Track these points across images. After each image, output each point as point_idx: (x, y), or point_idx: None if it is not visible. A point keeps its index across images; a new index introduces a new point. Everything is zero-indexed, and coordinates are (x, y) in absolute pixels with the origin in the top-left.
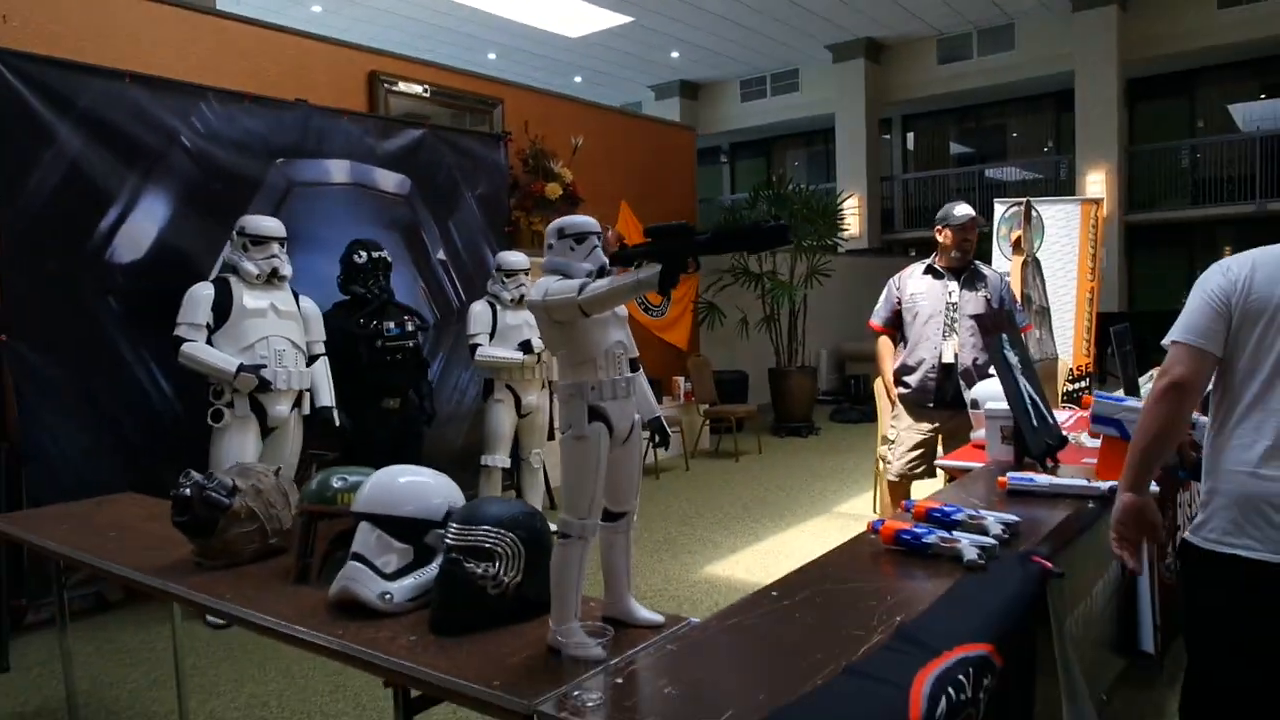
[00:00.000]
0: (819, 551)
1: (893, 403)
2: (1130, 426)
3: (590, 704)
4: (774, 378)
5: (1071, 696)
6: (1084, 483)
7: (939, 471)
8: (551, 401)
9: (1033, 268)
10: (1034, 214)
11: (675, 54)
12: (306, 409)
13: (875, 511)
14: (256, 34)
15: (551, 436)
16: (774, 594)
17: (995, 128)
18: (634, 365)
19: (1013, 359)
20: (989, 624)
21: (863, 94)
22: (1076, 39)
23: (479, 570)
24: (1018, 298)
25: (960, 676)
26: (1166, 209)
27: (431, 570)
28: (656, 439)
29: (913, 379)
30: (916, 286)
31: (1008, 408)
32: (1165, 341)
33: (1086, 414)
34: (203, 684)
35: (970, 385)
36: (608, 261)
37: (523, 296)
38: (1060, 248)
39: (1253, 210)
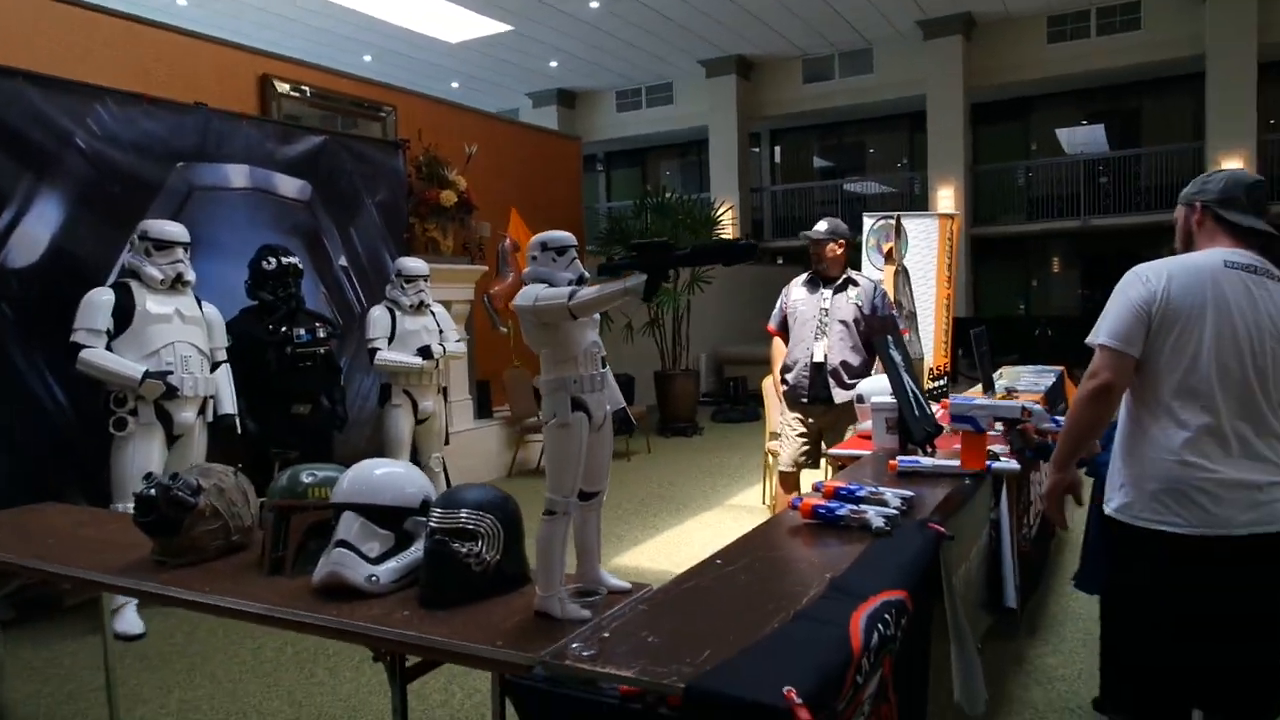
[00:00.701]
0: (716, 541)
1: (779, 399)
2: (982, 421)
3: (586, 654)
4: (659, 381)
5: (959, 640)
6: (960, 463)
7: (822, 462)
8: (447, 406)
9: (903, 276)
10: (901, 227)
11: (554, 63)
12: (211, 416)
13: (765, 503)
14: (137, 31)
15: (448, 440)
16: (718, 561)
17: (855, 144)
18: (603, 362)
19: (896, 357)
20: (901, 575)
21: (734, 108)
22: (928, 65)
23: (463, 550)
24: (893, 304)
25: (886, 615)
26: (1006, 223)
27: (412, 554)
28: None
29: (790, 376)
30: (798, 294)
31: (891, 401)
32: (1090, 341)
33: (946, 411)
34: (126, 694)
35: (839, 383)
36: (585, 272)
37: (422, 302)
38: (922, 258)
39: (1078, 226)
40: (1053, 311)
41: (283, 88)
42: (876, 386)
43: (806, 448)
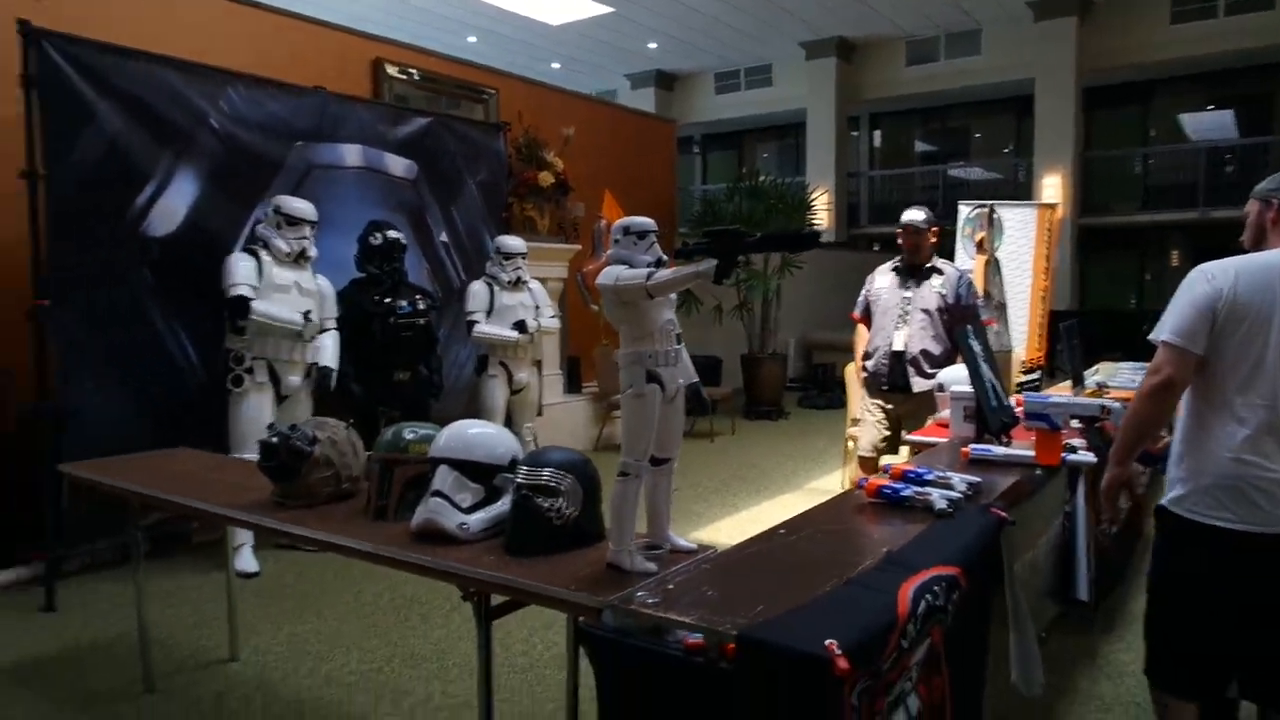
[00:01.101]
0: None
1: (861, 385)
2: (1057, 419)
3: (651, 602)
4: (746, 364)
5: (1017, 627)
6: (1034, 453)
7: (902, 450)
8: (541, 379)
9: (993, 266)
10: (995, 216)
11: (653, 45)
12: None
13: (843, 487)
14: (266, 18)
15: (541, 412)
16: (781, 531)
17: (959, 129)
18: (678, 339)
19: (976, 347)
20: (957, 553)
21: (833, 91)
22: (1038, 48)
23: (545, 504)
24: (980, 294)
25: (935, 588)
26: (1118, 213)
27: (500, 506)
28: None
29: (870, 363)
30: (882, 282)
31: (970, 390)
32: (1153, 337)
33: None
34: (243, 624)
35: (919, 372)
36: (664, 255)
37: (520, 279)
38: (1018, 248)
39: (1197, 217)
40: (1166, 306)
41: (393, 71)
42: (957, 375)
43: (886, 434)
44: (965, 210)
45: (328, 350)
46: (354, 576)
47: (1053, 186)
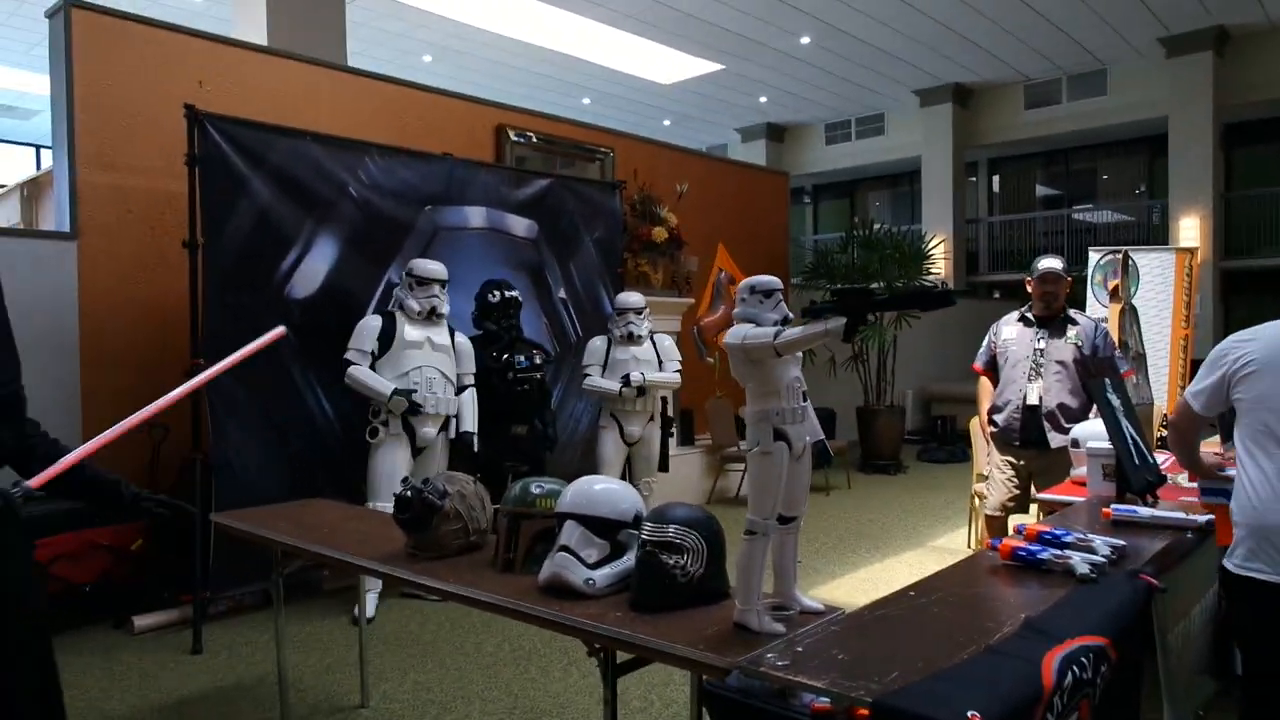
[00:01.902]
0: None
1: (986, 441)
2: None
3: (780, 664)
4: (862, 416)
5: (1173, 702)
6: (1183, 515)
7: (1032, 508)
8: (665, 434)
9: (1130, 315)
10: (1130, 262)
11: (763, 99)
12: (453, 433)
13: (970, 546)
14: (401, 92)
15: (664, 468)
16: (911, 594)
17: (1085, 171)
18: (804, 396)
19: (1115, 401)
20: (1104, 622)
21: (949, 137)
22: (1170, 84)
23: (670, 561)
24: (1116, 345)
25: (1083, 659)
26: (1264, 255)
27: (624, 562)
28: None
29: (1000, 418)
30: (1009, 333)
31: (1108, 446)
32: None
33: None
34: (371, 671)
35: (1055, 427)
36: (789, 313)
37: (632, 333)
38: (1155, 295)
39: None
40: None
41: (514, 136)
42: (1094, 431)
43: (1016, 492)
44: (1096, 256)
45: (467, 410)
46: (474, 626)
47: (1191, 229)
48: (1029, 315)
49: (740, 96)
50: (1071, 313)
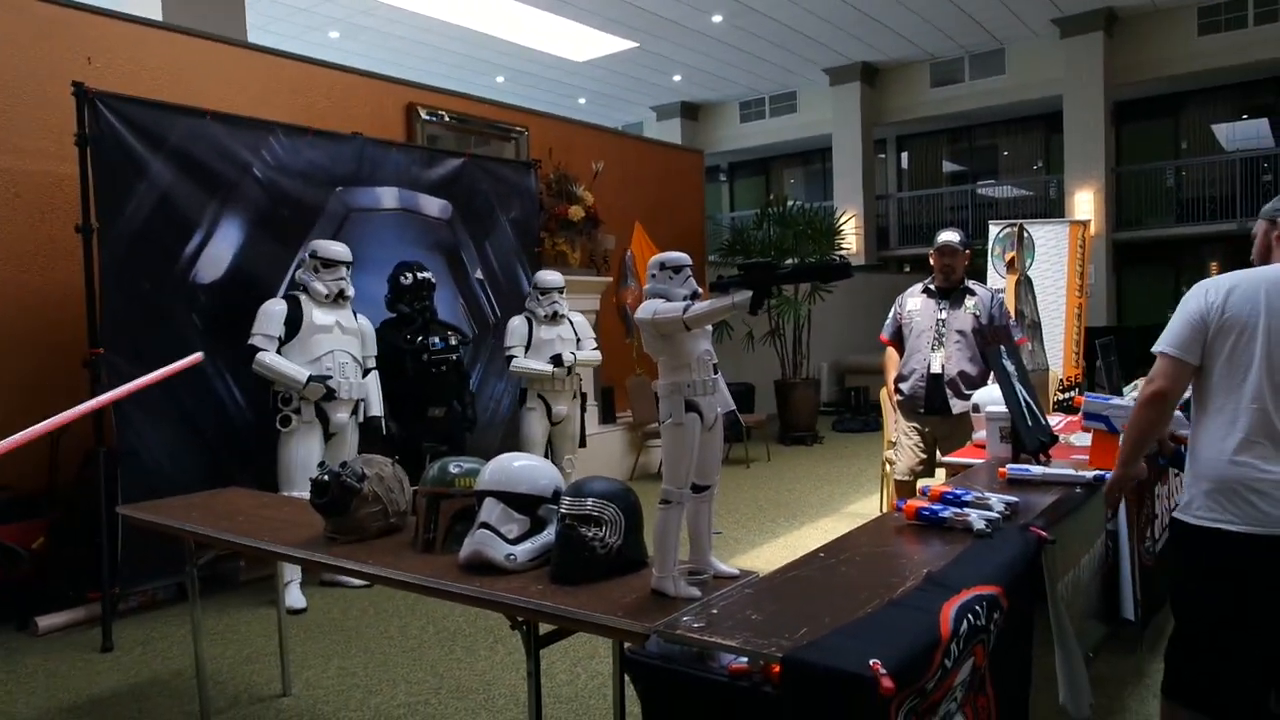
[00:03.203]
0: None
1: (894, 409)
2: (1116, 422)
3: (696, 626)
4: (779, 390)
5: (1063, 645)
6: (1072, 472)
7: (938, 472)
8: (582, 411)
9: (1025, 285)
10: (1026, 235)
11: (677, 77)
12: (362, 417)
13: (882, 511)
14: (306, 69)
15: (583, 444)
16: (821, 555)
17: (987, 147)
18: (715, 369)
19: (1010, 367)
20: (997, 573)
21: (858, 115)
22: (1064, 63)
23: (589, 534)
24: (1011, 314)
25: (977, 607)
26: (1153, 227)
27: (545, 537)
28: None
29: (906, 386)
30: (913, 304)
31: (1006, 410)
32: (1155, 349)
33: (1076, 418)
34: (294, 659)
35: (956, 394)
36: (698, 288)
37: (556, 313)
38: (1050, 266)
39: (1234, 228)
40: None
41: (425, 115)
42: (992, 396)
43: (923, 457)
44: (995, 230)
45: (373, 394)
46: (398, 610)
47: (1085, 202)
48: (931, 287)
49: (655, 75)
50: (970, 284)
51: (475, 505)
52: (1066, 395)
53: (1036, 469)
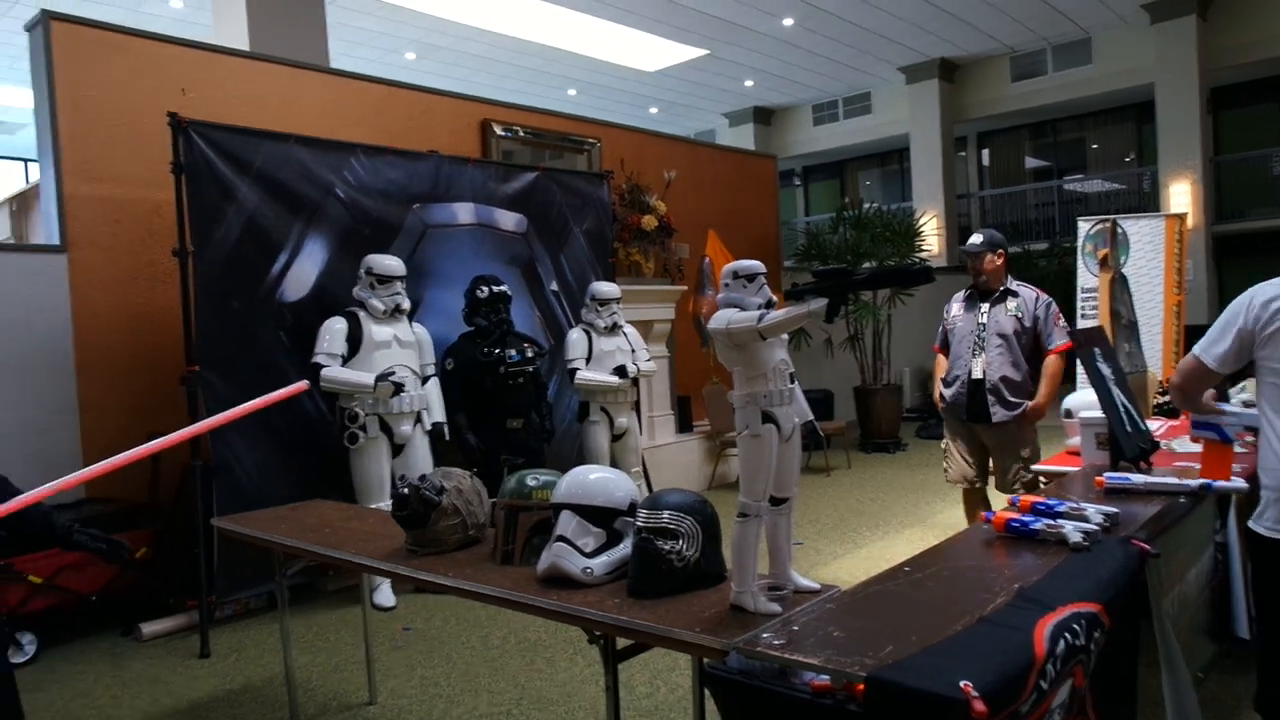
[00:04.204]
0: None
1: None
2: (1229, 430)
3: (776, 644)
4: (859, 396)
5: (1170, 666)
6: (1176, 481)
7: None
8: (641, 421)
9: (1120, 284)
10: (1119, 231)
11: (749, 82)
12: (428, 425)
13: (970, 523)
14: (384, 91)
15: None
16: (906, 569)
17: (1074, 141)
18: (792, 378)
19: (1105, 370)
20: (1097, 589)
21: (937, 113)
22: (1156, 50)
23: (666, 547)
24: (1106, 314)
25: (1075, 625)
26: (1256, 218)
27: (621, 550)
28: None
29: (949, 393)
30: (956, 310)
31: (1101, 415)
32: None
33: (1179, 423)
34: (379, 668)
35: (999, 401)
36: (773, 296)
37: (615, 324)
38: (1146, 262)
39: None
40: None
41: (500, 130)
42: (1085, 401)
43: (973, 463)
44: (1085, 226)
45: (434, 401)
46: (479, 620)
47: (1181, 194)
48: (971, 291)
49: (726, 81)
50: (1013, 285)
51: (552, 518)
52: (1167, 399)
53: (1137, 477)
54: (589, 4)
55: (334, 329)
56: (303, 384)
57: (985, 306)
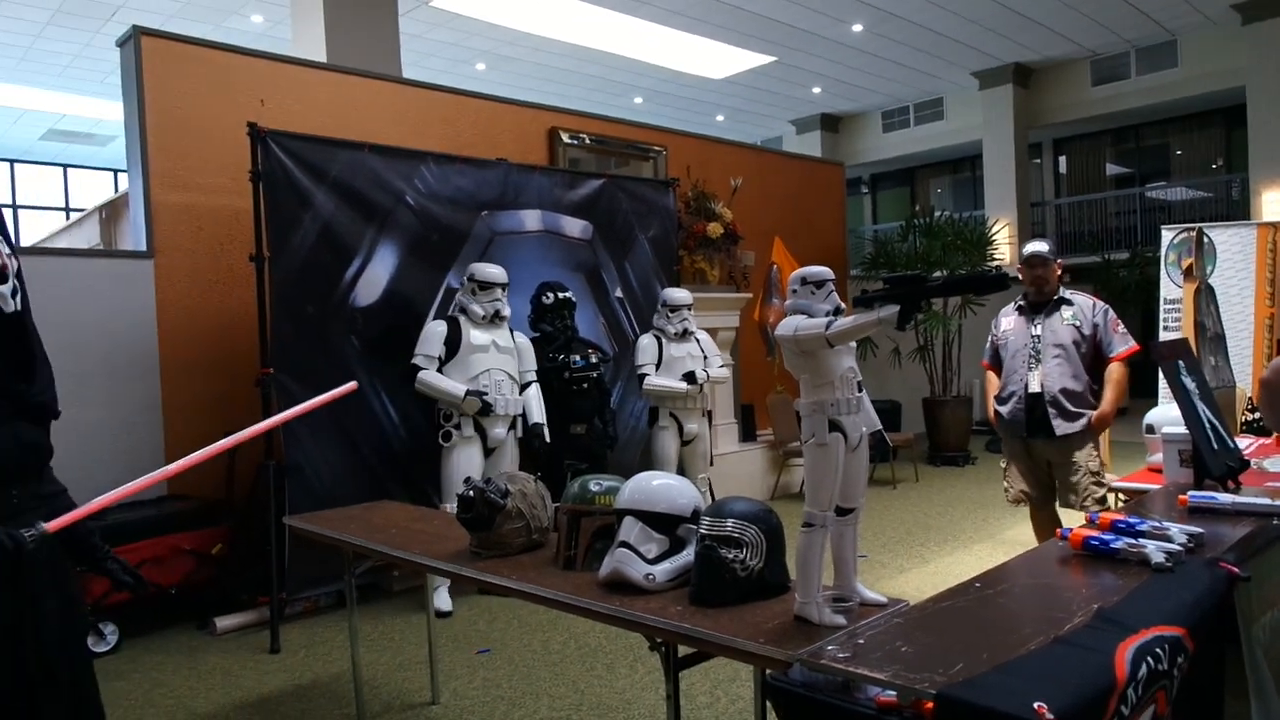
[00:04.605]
0: None
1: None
2: None
3: (841, 656)
4: (928, 407)
5: (1260, 696)
6: (1268, 501)
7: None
8: (711, 429)
9: (1206, 294)
10: (1205, 240)
11: (817, 89)
12: (520, 431)
13: (1039, 541)
14: (455, 100)
15: (711, 462)
16: (977, 585)
17: (1157, 147)
18: (859, 386)
19: (1189, 384)
20: (1181, 613)
21: (1011, 119)
22: (1248, 51)
23: (729, 556)
24: (1190, 326)
25: (1158, 649)
26: None
27: (684, 557)
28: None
29: (1005, 410)
30: (1007, 324)
31: (1185, 431)
32: None
33: (1270, 441)
34: (441, 669)
35: (1060, 413)
36: (841, 303)
37: (686, 330)
38: (1235, 272)
39: None
40: None
41: (566, 138)
42: (1167, 416)
43: (1033, 481)
44: (1169, 235)
45: (534, 405)
46: (540, 624)
47: (1275, 203)
48: (1022, 303)
49: (793, 88)
50: (1066, 293)
51: (615, 523)
52: (1257, 415)
53: (1224, 497)
54: (656, 12)
55: (434, 332)
56: (351, 385)
57: (1039, 317)
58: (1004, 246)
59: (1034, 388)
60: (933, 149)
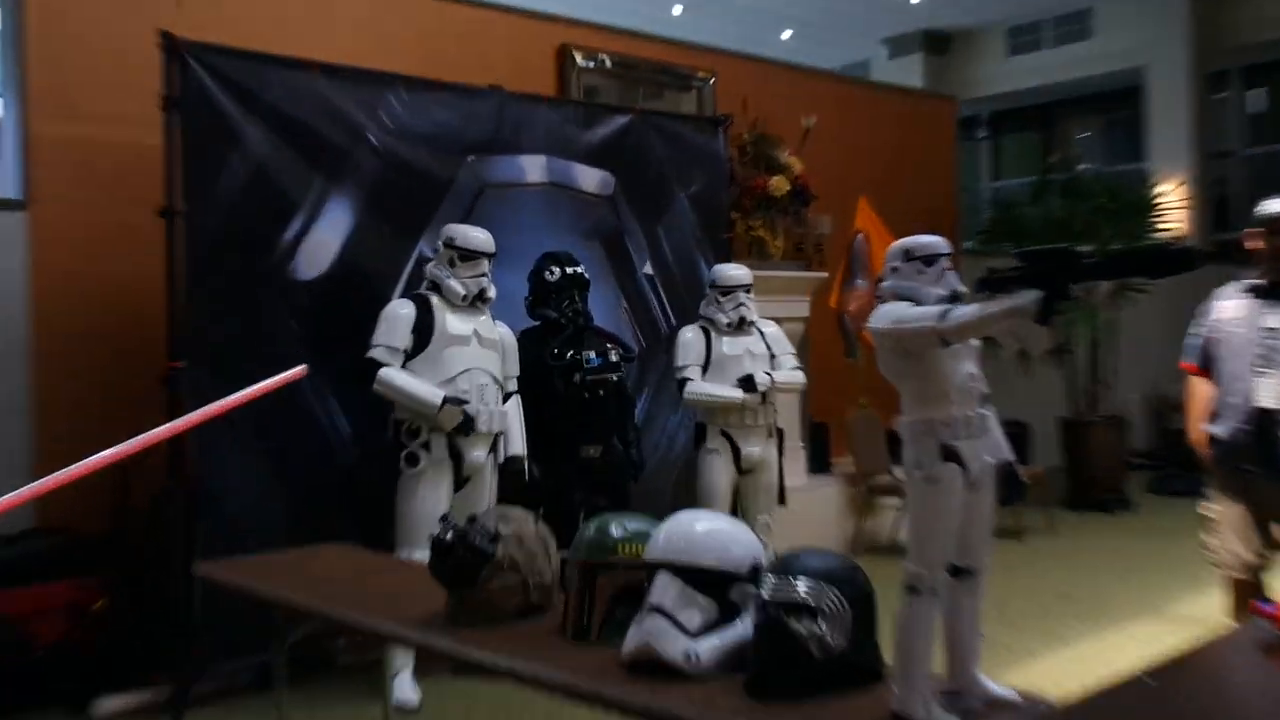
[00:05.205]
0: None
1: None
2: None
3: None
4: (1068, 431)
5: None
6: None
7: None
8: (781, 455)
9: None
10: None
11: None
12: (502, 455)
13: (1239, 620)
14: (434, 7)
15: (782, 500)
16: (1147, 679)
17: None
18: (984, 401)
19: None
20: None
21: (1185, 39)
22: None
23: (802, 629)
24: None
25: None
26: None
27: (738, 629)
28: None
29: (1222, 431)
30: (1229, 312)
31: None
32: None
33: None
34: None
35: None
36: (960, 286)
37: (743, 319)
38: None
39: None
40: None
41: (581, 60)
42: None
43: (1265, 542)
44: None
45: (514, 427)
46: (535, 716)
47: None
48: (1257, 284)
49: None
50: None
51: (644, 581)
52: None
53: None
54: None
55: (397, 315)
56: (300, 369)
57: (1276, 305)
58: (1174, 212)
59: (1268, 402)
60: (1077, 78)
